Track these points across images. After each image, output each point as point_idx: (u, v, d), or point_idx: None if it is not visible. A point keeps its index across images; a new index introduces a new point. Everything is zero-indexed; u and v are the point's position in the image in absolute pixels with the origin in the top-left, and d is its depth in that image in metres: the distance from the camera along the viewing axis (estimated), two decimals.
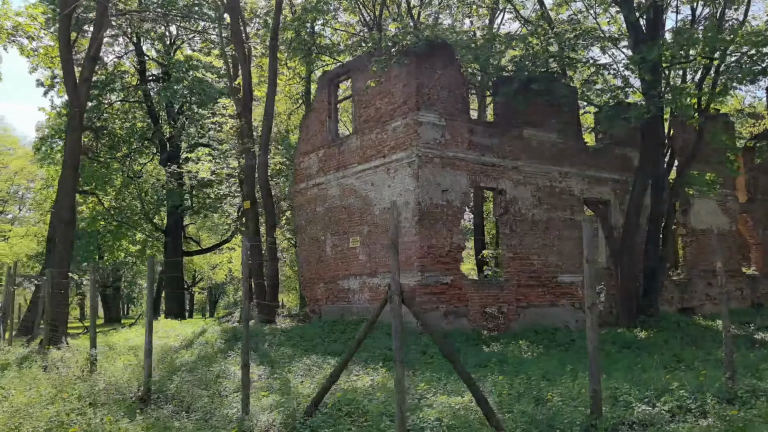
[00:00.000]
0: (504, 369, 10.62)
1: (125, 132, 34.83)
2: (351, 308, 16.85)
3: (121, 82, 34.78)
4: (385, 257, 15.82)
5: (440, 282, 15.06)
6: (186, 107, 33.56)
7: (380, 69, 15.10)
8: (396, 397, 5.36)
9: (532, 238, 16.96)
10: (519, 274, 16.56)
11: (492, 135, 16.61)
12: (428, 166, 15.26)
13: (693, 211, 21.60)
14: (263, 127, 18.97)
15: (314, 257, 18.55)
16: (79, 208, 38.51)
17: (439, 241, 15.21)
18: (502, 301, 16.24)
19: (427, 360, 11.74)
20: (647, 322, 17.49)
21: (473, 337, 14.73)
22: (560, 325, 16.92)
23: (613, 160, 19.24)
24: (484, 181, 16.32)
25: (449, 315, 15.08)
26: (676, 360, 11.88)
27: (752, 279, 23.30)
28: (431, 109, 15.46)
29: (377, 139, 16.36)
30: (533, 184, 17.21)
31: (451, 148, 15.71)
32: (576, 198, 18.13)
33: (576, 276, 17.75)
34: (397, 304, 5.58)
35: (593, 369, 5.96)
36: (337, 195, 17.72)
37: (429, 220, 15.12)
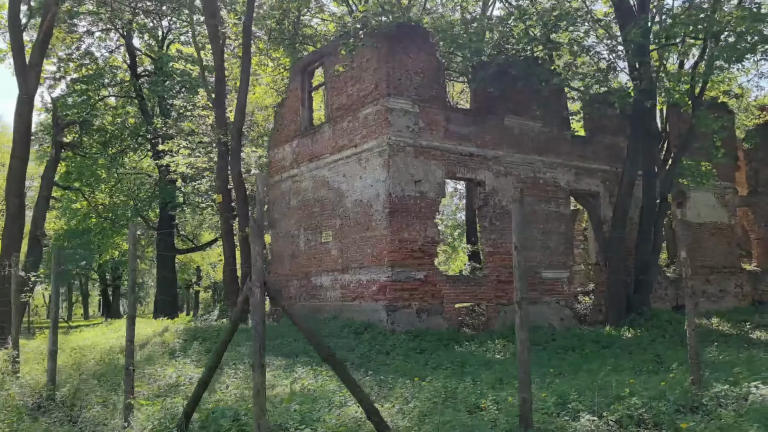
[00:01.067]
0: (465, 371, 9.80)
1: (116, 128, 34.20)
2: (324, 306, 16.06)
3: (111, 77, 34.27)
4: (357, 252, 15.03)
5: (413, 278, 14.22)
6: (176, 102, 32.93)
7: (348, 53, 14.28)
8: (254, 411, 4.53)
9: None
10: (499, 270, 15.70)
11: (470, 123, 15.75)
12: (400, 156, 14.43)
13: (689, 204, 20.61)
14: (235, 117, 18.19)
15: (288, 253, 17.77)
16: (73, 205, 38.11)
17: (412, 234, 14.37)
18: (481, 298, 15.39)
19: (383, 361, 10.91)
20: (637, 320, 16.56)
21: (448, 335, 13.90)
22: (544, 323, 16.03)
23: (602, 150, 18.32)
24: (461, 172, 15.46)
25: (422, 313, 14.24)
26: (657, 361, 11.00)
27: (753, 275, 22.27)
28: (403, 95, 14.62)
29: (349, 127, 15.55)
30: (515, 175, 16.33)
31: (425, 136, 14.86)
32: (562, 190, 17.22)
33: (561, 272, 16.86)
34: (258, 298, 4.73)
35: (523, 374, 5.13)
36: (310, 187, 16.93)
37: (401, 213, 14.29)
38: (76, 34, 32.28)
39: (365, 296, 14.65)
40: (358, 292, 14.88)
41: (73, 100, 33.07)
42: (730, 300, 21.16)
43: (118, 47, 34.54)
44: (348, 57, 15.27)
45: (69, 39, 31.32)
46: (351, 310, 15.02)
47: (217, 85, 18.87)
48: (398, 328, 13.70)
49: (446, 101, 15.60)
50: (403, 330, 13.66)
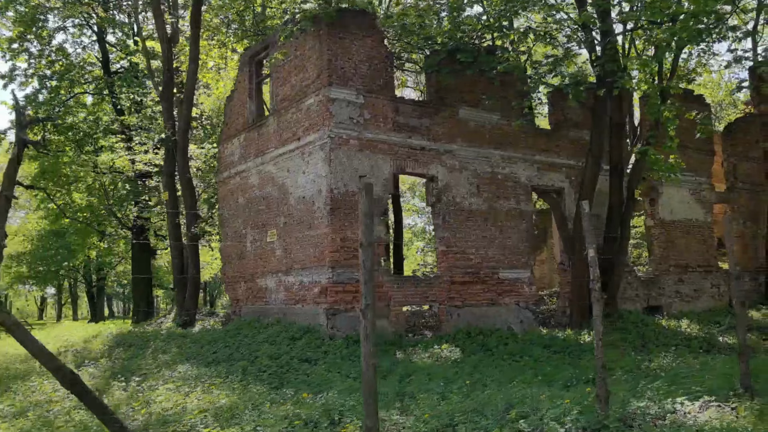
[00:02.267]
0: (386, 381, 8.93)
1: (88, 126, 33.23)
2: (269, 309, 15.18)
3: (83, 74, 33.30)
4: (300, 252, 14.16)
5: (356, 279, 13.34)
6: None
7: (286, 38, 13.39)
8: None
9: (470, 229, 15.21)
10: (453, 270, 14.83)
11: (421, 115, 14.87)
12: (343, 149, 13.55)
13: (662, 201, 19.76)
14: (182, 109, 17.29)
15: (236, 253, 16.89)
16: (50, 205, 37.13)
17: (356, 233, 13.48)
18: (432, 300, 14.51)
19: (305, 371, 10.01)
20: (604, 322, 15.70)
21: (392, 340, 13.05)
22: (502, 325, 15.18)
23: (567, 143, 17.45)
24: (411, 167, 14.59)
25: None
26: (606, 368, 10.12)
27: (731, 275, 21.39)
28: (347, 85, 13.75)
29: (293, 119, 14.67)
30: (470, 170, 15.46)
31: (371, 128, 13.99)
32: (522, 186, 16.35)
33: (522, 272, 15.99)
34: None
35: (367, 398, 4.25)
36: (257, 184, 16.05)
37: (343, 210, 13.42)
38: (46, 30, 31.39)
39: (307, 299, 13.78)
40: (301, 295, 14.01)
41: (45, 97, 32.19)
42: (706, 300, 20.32)
43: (91, 43, 33.64)
44: (290, 45, 14.41)
45: (41, 35, 30.45)
46: (294, 313, 14.15)
47: (165, 78, 17.97)
48: (338, 333, 12.83)
49: (394, 92, 14.72)
50: (343, 335, 12.79)
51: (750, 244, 22.27)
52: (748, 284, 21.94)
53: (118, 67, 33.70)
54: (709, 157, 21.33)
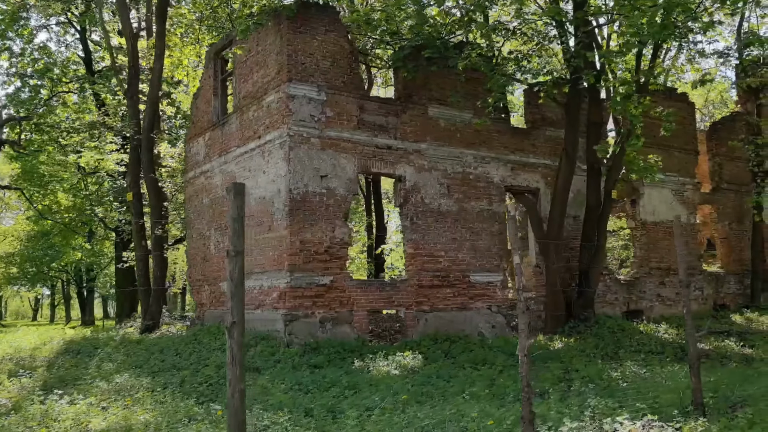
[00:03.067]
0: (312, 395, 8.40)
1: (71, 125, 32.70)
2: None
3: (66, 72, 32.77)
4: (260, 255, 13.63)
5: (316, 283, 12.82)
6: None
7: (241, 33, 12.87)
8: None
9: (439, 231, 14.70)
10: (421, 273, 14.31)
11: (389, 113, 14.36)
12: (303, 148, 13.03)
13: (643, 202, 19.25)
14: (147, 106, 16.78)
15: (201, 256, 16.37)
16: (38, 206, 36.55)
17: (317, 235, 12.97)
18: (398, 305, 13.99)
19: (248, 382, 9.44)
20: (577, 328, 15.24)
21: (353, 347, 12.50)
22: (472, 331, 14.67)
23: (543, 142, 16.94)
24: (377, 166, 14.07)
25: (326, 322, 12.83)
26: (565, 379, 9.63)
27: (715, 278, 20.92)
28: (308, 81, 13.23)
29: (254, 117, 14.15)
30: (440, 170, 14.94)
31: (334, 127, 13.47)
32: (496, 186, 15.83)
33: (494, 275, 15.48)
34: None
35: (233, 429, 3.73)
36: (220, 184, 15.53)
37: (303, 212, 12.89)
38: (28, 28, 30.88)
39: (266, 304, 13.25)
40: (260, 300, 13.48)
41: (26, 96, 31.68)
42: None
43: (75, 42, 33.14)
44: (252, 40, 13.91)
45: (22, 33, 29.95)
46: (254, 319, 13.61)
47: (130, 75, 17.45)
48: (296, 340, 12.30)
49: (360, 88, 14.20)
50: (301, 342, 12.27)
51: (735, 245, 21.78)
52: (733, 287, 21.45)
53: (103, 66, 33.21)
54: (693, 157, 20.83)
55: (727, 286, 21.25)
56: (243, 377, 3.76)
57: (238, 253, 3.77)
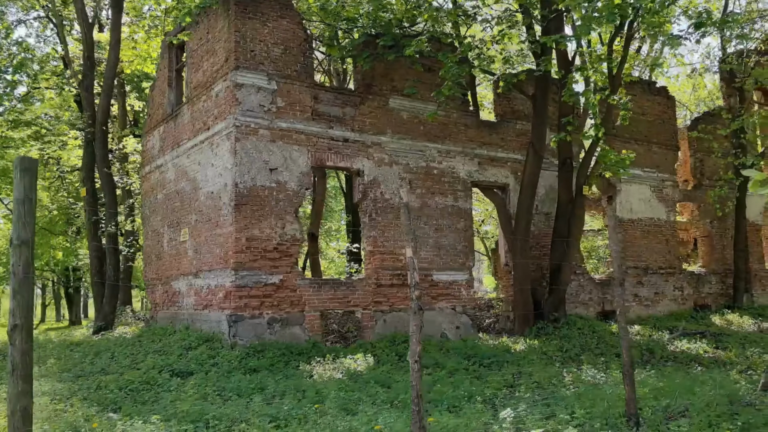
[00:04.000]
0: (233, 405, 7.73)
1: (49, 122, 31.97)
2: (180, 315, 14.00)
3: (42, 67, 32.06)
4: (208, 253, 12.97)
5: (264, 282, 12.16)
6: None
7: (183, 17, 12.21)
8: None
9: (399, 228, 14.03)
10: (379, 272, 13.66)
11: (346, 104, 13.70)
12: (251, 139, 12.37)
13: (620, 199, 18.60)
14: (101, 98, 16.11)
15: (155, 253, 15.70)
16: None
17: (265, 232, 12.30)
18: (355, 305, 13.33)
19: (170, 388, 8.79)
20: (546, 329, 14.60)
21: (304, 350, 11.85)
22: (435, 332, 14.02)
23: (513, 137, 16.30)
24: (333, 160, 13.40)
25: (275, 323, 12.17)
26: (510, 385, 8.98)
27: (696, 277, 20.28)
28: (257, 70, 12.56)
29: (204, 108, 13.49)
30: (402, 164, 14.29)
31: (285, 117, 12.81)
32: (461, 181, 15.18)
33: (458, 274, 14.83)
34: None
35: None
36: (173, 179, 14.86)
37: (250, 207, 12.22)
38: (6, 23, 30.17)
39: (213, 304, 12.59)
40: (208, 300, 12.82)
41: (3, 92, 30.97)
42: (667, 304, 19.17)
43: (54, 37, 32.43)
44: (203, 27, 13.25)
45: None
46: (201, 319, 12.97)
47: (85, 67, 16.77)
48: (241, 342, 11.64)
49: (313, 78, 13.53)
50: (246, 344, 11.61)
51: (717, 244, 21.14)
52: (715, 287, 20.81)
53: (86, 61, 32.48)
54: (672, 153, 20.21)
55: (709, 285, 20.61)
56: (29, 393, 3.09)
57: (22, 242, 3.10)
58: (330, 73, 22.03)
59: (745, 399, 6.59)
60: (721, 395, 6.62)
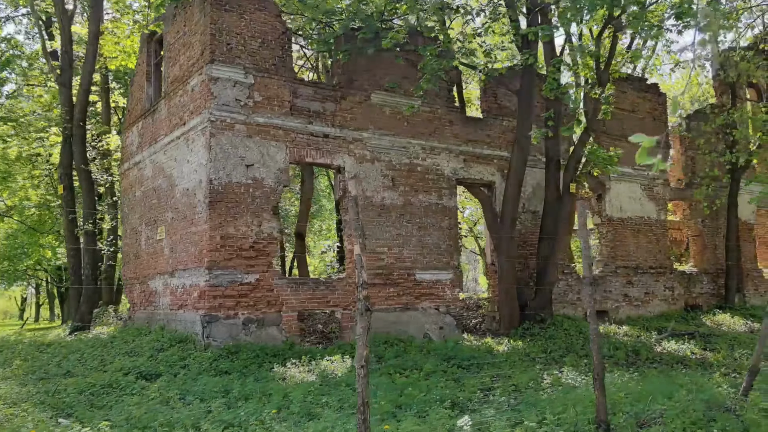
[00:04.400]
0: (186, 409, 7.41)
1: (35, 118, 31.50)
2: (156, 315, 13.67)
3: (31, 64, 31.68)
4: (183, 252, 12.63)
5: (239, 282, 11.83)
6: None
7: (157, 10, 11.87)
8: None
9: (382, 226, 13.73)
10: None
11: (326, 99, 13.37)
12: (226, 134, 12.03)
13: (609, 197, 18.31)
14: (79, 93, 15.78)
15: (133, 252, 15.36)
16: None
17: (241, 230, 11.97)
18: (334, 305, 13.00)
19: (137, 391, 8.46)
20: (532, 329, 14.29)
21: (280, 351, 11.52)
22: (417, 332, 13.71)
23: (499, 133, 15.98)
24: (312, 156, 13.08)
25: (250, 324, 11.84)
26: (481, 389, 8.67)
27: (687, 277, 19.98)
28: (233, 63, 12.23)
29: (180, 102, 13.16)
30: (384, 161, 13.97)
31: (263, 112, 12.48)
32: (446, 179, 14.87)
33: (443, 273, 14.51)
34: None
35: None
36: (150, 175, 14.53)
37: (225, 204, 11.89)
38: None
39: (188, 304, 12.26)
40: (183, 300, 12.49)
41: None
42: (658, 304, 18.87)
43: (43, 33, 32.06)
44: (180, 20, 12.93)
45: None
46: (177, 320, 12.64)
47: (63, 61, 16.42)
48: (215, 343, 11.30)
49: (293, 72, 13.20)
50: (220, 345, 11.28)
51: (709, 243, 20.85)
52: (706, 286, 20.52)
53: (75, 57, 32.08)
54: (664, 151, 19.89)
55: (700, 285, 20.32)
56: None
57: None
58: (318, 69, 21.72)
59: (726, 404, 6.28)
60: (700, 400, 6.31)
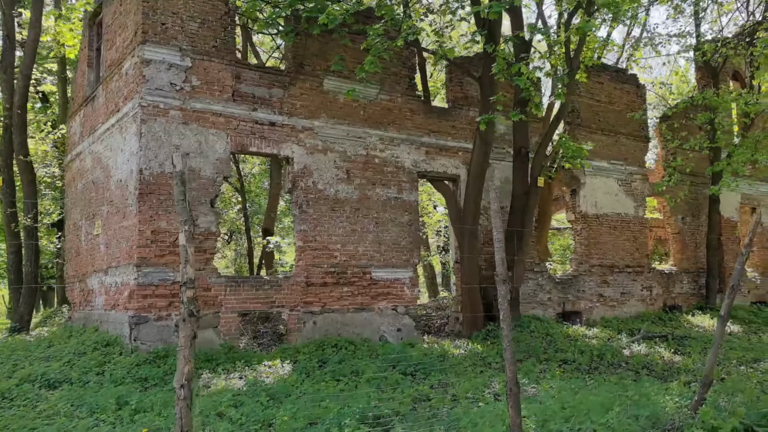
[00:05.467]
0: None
1: None
2: (93, 315, 12.77)
3: None
4: (116, 248, 11.73)
5: (172, 280, 10.93)
6: None
7: None
8: None
9: (335, 222, 12.85)
10: (311, 269, 12.46)
11: (273, 84, 12.48)
12: (159, 121, 11.14)
13: (584, 192, 17.48)
14: (19, 80, 14.85)
15: (75, 249, 14.44)
16: None
17: (174, 224, 11.07)
18: (280, 305, 12.12)
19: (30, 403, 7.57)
20: (496, 331, 13.44)
21: (215, 356, 10.66)
22: (373, 334, 12.86)
23: (465, 124, 15.13)
24: (256, 145, 12.19)
25: None
26: (417, 398, 7.82)
27: (666, 276, 19.18)
28: (168, 44, 11.33)
29: (115, 88, 12.26)
30: (338, 152, 13.10)
31: (201, 97, 11.58)
32: (407, 172, 14.00)
33: (401, 271, 13.65)
34: None
35: None
36: (90, 167, 13.61)
37: (157, 196, 11.00)
38: None
39: (119, 304, 11.36)
40: (115, 299, 11.59)
41: None
42: (635, 305, 18.06)
43: None
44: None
45: None
46: (109, 320, 11.75)
47: (4, 45, 15.48)
48: (143, 347, 10.41)
49: (235, 55, 12.30)
50: (149, 348, 10.40)
51: (690, 241, 20.06)
52: (686, 286, 19.73)
53: None
54: (642, 144, 19.11)
55: (680, 285, 19.52)
56: None
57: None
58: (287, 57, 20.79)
59: (672, 420, 5.45)
60: (644, 416, 5.47)
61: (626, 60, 24.48)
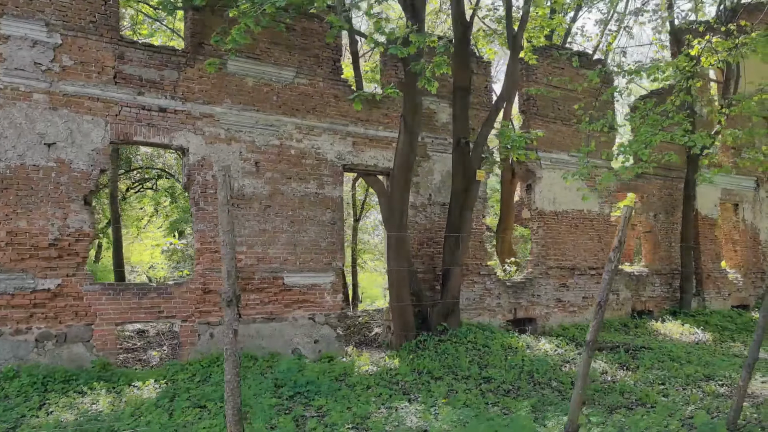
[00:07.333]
0: None
1: None
2: None
3: None
4: None
5: (32, 288, 9.49)
6: None
7: None
8: None
9: (241, 220, 11.39)
10: (209, 274, 11.01)
11: (165, 65, 11.02)
12: (19, 106, 9.69)
13: (540, 187, 15.97)
14: None
15: None
16: None
17: (37, 224, 9.64)
18: (170, 315, 10.66)
19: None
20: (426, 342, 11.97)
21: (81, 375, 9.22)
22: (284, 348, 11.40)
23: (399, 113, 13.64)
24: (143, 134, 10.72)
25: (47, 340, 9.50)
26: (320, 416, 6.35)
27: (635, 278, 17.64)
28: (33, 18, 9.89)
29: None
30: (245, 142, 11.64)
31: (74, 79, 10.13)
32: (329, 165, 12.53)
33: (321, 276, 12.17)
34: None
35: None
36: None
37: (15, 191, 9.56)
38: None
39: None
40: None
41: None
42: None
43: None
44: None
45: None
46: None
47: None
48: None
49: (118, 32, 10.84)
50: (1, 367, 8.97)
51: (663, 240, 18.51)
52: (658, 289, 18.19)
53: None
54: (608, 136, 17.56)
55: (651, 288, 17.98)
56: None
57: None
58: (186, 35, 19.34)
59: None
60: None
61: (604, 48, 22.99)
